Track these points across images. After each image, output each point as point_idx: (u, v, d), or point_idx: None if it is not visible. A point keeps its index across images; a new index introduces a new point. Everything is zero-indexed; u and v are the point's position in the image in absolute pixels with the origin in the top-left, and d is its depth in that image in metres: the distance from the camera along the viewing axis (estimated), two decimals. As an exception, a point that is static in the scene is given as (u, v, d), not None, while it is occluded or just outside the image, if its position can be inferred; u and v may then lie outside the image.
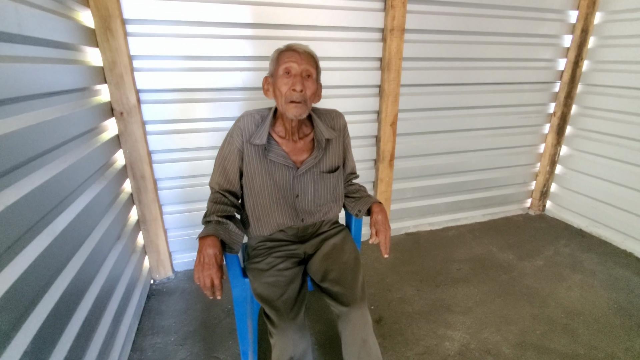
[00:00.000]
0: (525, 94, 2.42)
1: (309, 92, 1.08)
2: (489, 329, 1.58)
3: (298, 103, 1.06)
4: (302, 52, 1.07)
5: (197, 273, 0.96)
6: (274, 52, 1.12)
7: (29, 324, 0.82)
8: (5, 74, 0.83)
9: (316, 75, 1.11)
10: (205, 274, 0.96)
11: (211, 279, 0.96)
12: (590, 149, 2.42)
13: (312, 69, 1.08)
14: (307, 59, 1.07)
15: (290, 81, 1.06)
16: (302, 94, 1.05)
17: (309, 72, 1.07)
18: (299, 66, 1.05)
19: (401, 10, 1.84)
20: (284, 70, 1.06)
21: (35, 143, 0.93)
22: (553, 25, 2.29)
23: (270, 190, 1.16)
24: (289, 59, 1.05)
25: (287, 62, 1.05)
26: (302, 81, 1.05)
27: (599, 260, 2.13)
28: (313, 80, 1.09)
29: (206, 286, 0.96)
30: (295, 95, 1.05)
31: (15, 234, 0.81)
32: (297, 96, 1.05)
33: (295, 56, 1.06)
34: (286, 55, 1.07)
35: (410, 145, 2.25)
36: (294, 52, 1.06)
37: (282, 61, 1.06)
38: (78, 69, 1.29)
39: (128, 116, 1.60)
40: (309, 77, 1.08)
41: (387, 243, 1.15)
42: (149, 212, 1.77)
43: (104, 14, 1.44)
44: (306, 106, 1.08)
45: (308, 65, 1.07)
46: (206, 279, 0.96)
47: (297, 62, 1.05)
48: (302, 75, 1.06)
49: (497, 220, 2.66)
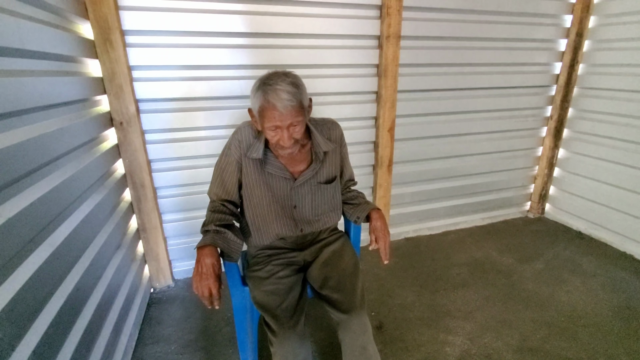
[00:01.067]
0: (521, 98, 2.43)
1: (299, 136, 1.04)
2: (490, 333, 1.58)
3: (289, 147, 1.06)
4: (284, 108, 0.96)
5: (195, 283, 0.97)
6: (253, 93, 1.01)
7: (31, 334, 0.82)
8: (7, 87, 0.85)
9: (304, 115, 1.03)
10: (203, 284, 0.96)
11: (209, 288, 0.96)
12: (587, 151, 2.43)
13: (299, 117, 1.00)
14: (291, 113, 0.97)
15: (278, 135, 1.01)
16: (291, 142, 1.03)
17: (296, 123, 1.00)
18: (284, 123, 0.98)
19: (397, 17, 1.87)
20: (269, 128, 1.00)
21: (37, 155, 0.94)
22: (548, 30, 2.32)
23: (269, 201, 1.17)
24: (273, 120, 0.97)
25: (271, 122, 0.98)
26: (290, 134, 1.01)
27: (598, 262, 2.13)
28: (301, 121, 1.01)
29: (204, 296, 0.96)
30: (285, 146, 1.04)
31: (17, 246, 0.81)
32: (288, 146, 1.04)
33: (278, 115, 0.97)
34: (268, 114, 0.97)
35: (408, 151, 2.26)
36: (275, 111, 0.96)
37: (265, 119, 0.99)
38: (78, 80, 1.31)
39: (127, 126, 1.61)
40: (297, 125, 1.01)
41: (387, 249, 1.15)
42: (148, 221, 1.78)
43: (104, 26, 1.46)
44: (297, 143, 1.08)
45: (293, 118, 0.98)
46: (204, 289, 0.96)
47: (281, 120, 0.97)
48: (289, 128, 1.00)
49: (496, 224, 2.66)
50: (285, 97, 0.95)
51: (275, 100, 0.95)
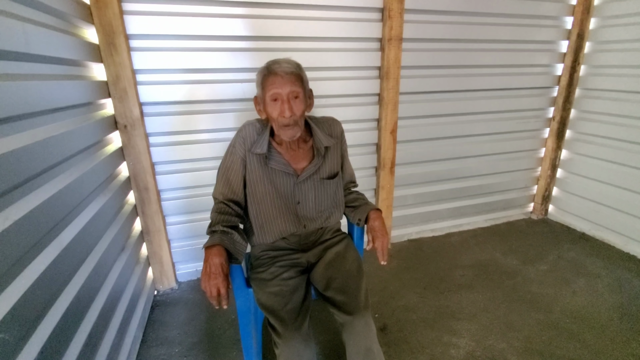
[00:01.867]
0: (523, 99, 2.44)
1: (298, 112, 1.07)
2: (494, 335, 1.57)
3: (291, 126, 1.08)
4: (284, 74, 1.04)
5: (204, 282, 0.98)
6: (257, 74, 1.10)
7: (37, 336, 0.83)
8: (14, 91, 0.86)
9: (303, 90, 1.09)
10: (212, 283, 0.97)
11: (217, 288, 0.97)
12: (590, 152, 2.43)
13: (298, 88, 1.06)
14: (290, 80, 1.04)
15: (278, 107, 1.05)
16: (291, 117, 1.06)
17: (295, 93, 1.06)
18: (284, 90, 1.04)
19: (398, 20, 1.88)
20: (271, 97, 1.05)
21: (43, 158, 0.95)
22: (549, 32, 2.33)
23: (273, 197, 1.17)
24: (273, 86, 1.04)
25: (271, 89, 1.04)
26: (291, 105, 1.05)
27: (602, 264, 2.12)
28: (301, 98, 1.08)
29: (212, 295, 0.97)
30: (285, 120, 1.06)
31: (23, 248, 0.82)
32: (288, 120, 1.06)
33: (279, 81, 1.03)
34: (269, 81, 1.05)
35: (410, 152, 2.26)
36: (276, 77, 1.04)
37: (267, 88, 1.06)
38: (83, 84, 1.32)
39: (132, 129, 1.62)
40: (297, 98, 1.07)
41: (384, 250, 1.15)
42: (152, 223, 1.79)
43: (108, 30, 1.47)
44: (298, 126, 1.10)
45: (293, 86, 1.04)
46: (212, 289, 0.97)
47: (281, 87, 1.03)
48: (289, 99, 1.05)
49: (499, 225, 2.66)
50: (285, 65, 1.05)
51: (276, 68, 1.05)
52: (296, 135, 1.11)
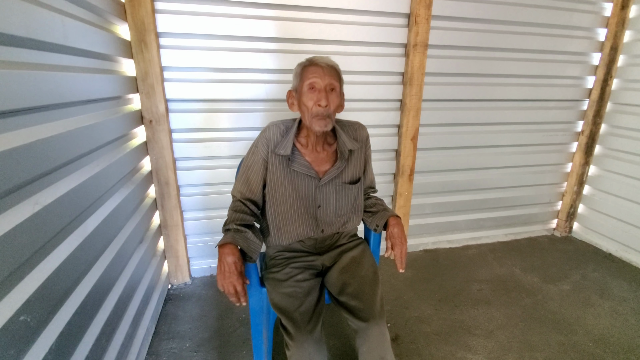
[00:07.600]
0: (550, 112, 2.36)
1: (333, 105, 1.09)
2: (513, 354, 1.51)
3: (323, 117, 1.08)
4: (325, 66, 1.08)
5: (220, 281, 0.99)
6: (297, 66, 1.13)
7: (56, 321, 0.84)
8: (51, 81, 0.89)
9: (339, 88, 1.13)
10: (227, 281, 0.97)
11: (234, 286, 0.97)
12: (620, 169, 2.32)
13: (336, 82, 1.09)
14: (330, 73, 1.08)
15: (315, 96, 1.07)
16: (327, 108, 1.07)
17: (332, 86, 1.08)
18: (323, 81, 1.06)
19: (425, 26, 1.86)
20: (309, 85, 1.07)
21: (72, 148, 0.98)
22: (581, 43, 2.25)
23: (293, 200, 1.17)
24: (313, 75, 1.07)
25: (311, 78, 1.07)
26: (327, 95, 1.07)
27: (629, 287, 2.02)
28: (337, 93, 1.11)
29: (230, 292, 0.98)
30: (320, 110, 1.07)
31: (49, 233, 0.84)
32: (323, 111, 1.07)
33: (319, 71, 1.07)
34: (310, 70, 1.08)
35: (430, 160, 2.22)
36: (317, 67, 1.07)
37: (305, 77, 1.08)
38: (113, 78, 1.36)
39: (157, 124, 1.66)
40: (333, 91, 1.09)
41: (403, 257, 1.13)
42: (170, 217, 1.82)
43: (140, 28, 1.52)
44: (331, 119, 1.10)
45: (332, 79, 1.08)
46: (229, 287, 0.97)
47: (320, 77, 1.06)
48: (326, 90, 1.07)
49: (520, 241, 2.57)
50: (326, 60, 1.10)
51: (317, 59, 1.10)
52: (328, 127, 1.09)
